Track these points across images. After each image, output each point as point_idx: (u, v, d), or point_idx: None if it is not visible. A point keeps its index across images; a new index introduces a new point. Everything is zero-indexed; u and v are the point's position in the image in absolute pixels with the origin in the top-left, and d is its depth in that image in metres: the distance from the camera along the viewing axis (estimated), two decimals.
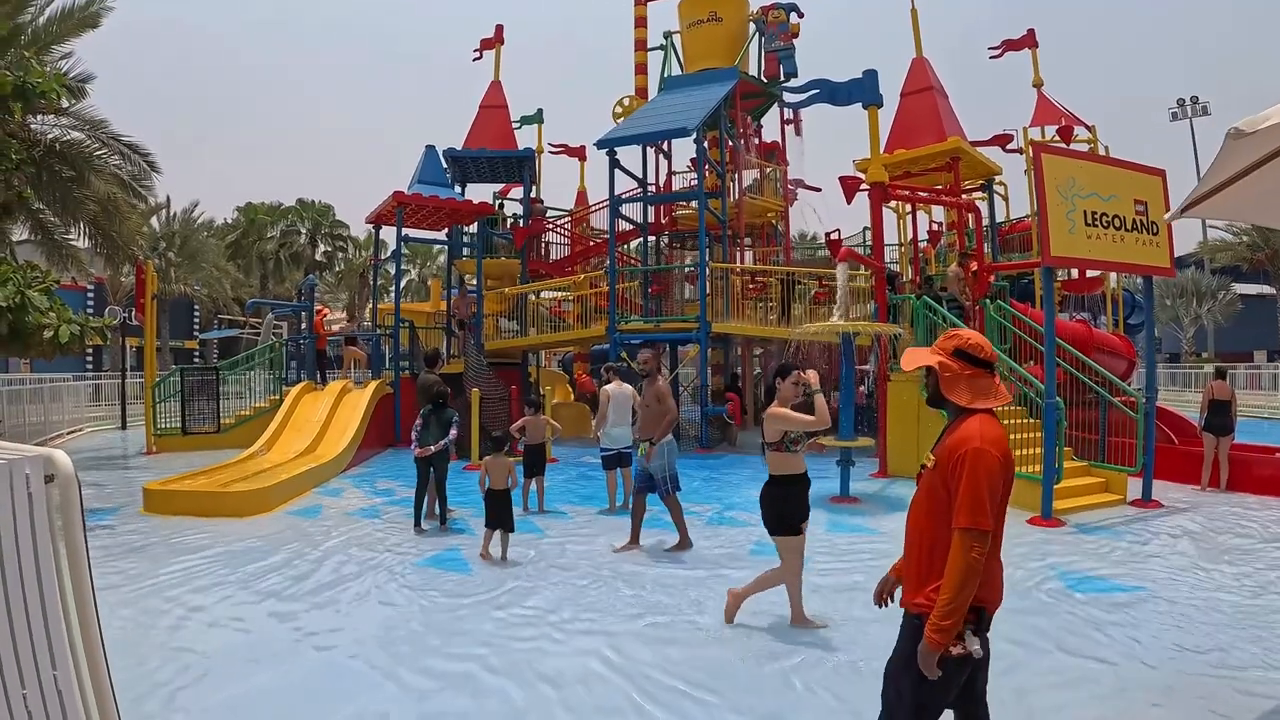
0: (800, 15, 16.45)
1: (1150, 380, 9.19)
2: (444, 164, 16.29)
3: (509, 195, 21.24)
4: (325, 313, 17.94)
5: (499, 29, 19.91)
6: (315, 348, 15.36)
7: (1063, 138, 15.82)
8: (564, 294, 17.51)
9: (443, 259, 30.35)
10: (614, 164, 14.40)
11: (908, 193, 13.66)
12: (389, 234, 17.16)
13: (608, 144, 14.21)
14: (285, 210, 43.95)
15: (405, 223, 14.96)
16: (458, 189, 17.36)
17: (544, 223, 19.52)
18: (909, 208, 17.30)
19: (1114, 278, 15.19)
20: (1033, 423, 8.74)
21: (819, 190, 19.62)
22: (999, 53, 16.90)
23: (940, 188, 14.94)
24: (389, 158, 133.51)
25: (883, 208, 11.42)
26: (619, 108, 18.67)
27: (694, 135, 13.47)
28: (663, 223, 17.90)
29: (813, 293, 13.72)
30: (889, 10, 20.14)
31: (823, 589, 5.23)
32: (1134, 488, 8.68)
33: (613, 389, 8.00)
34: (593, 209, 20.03)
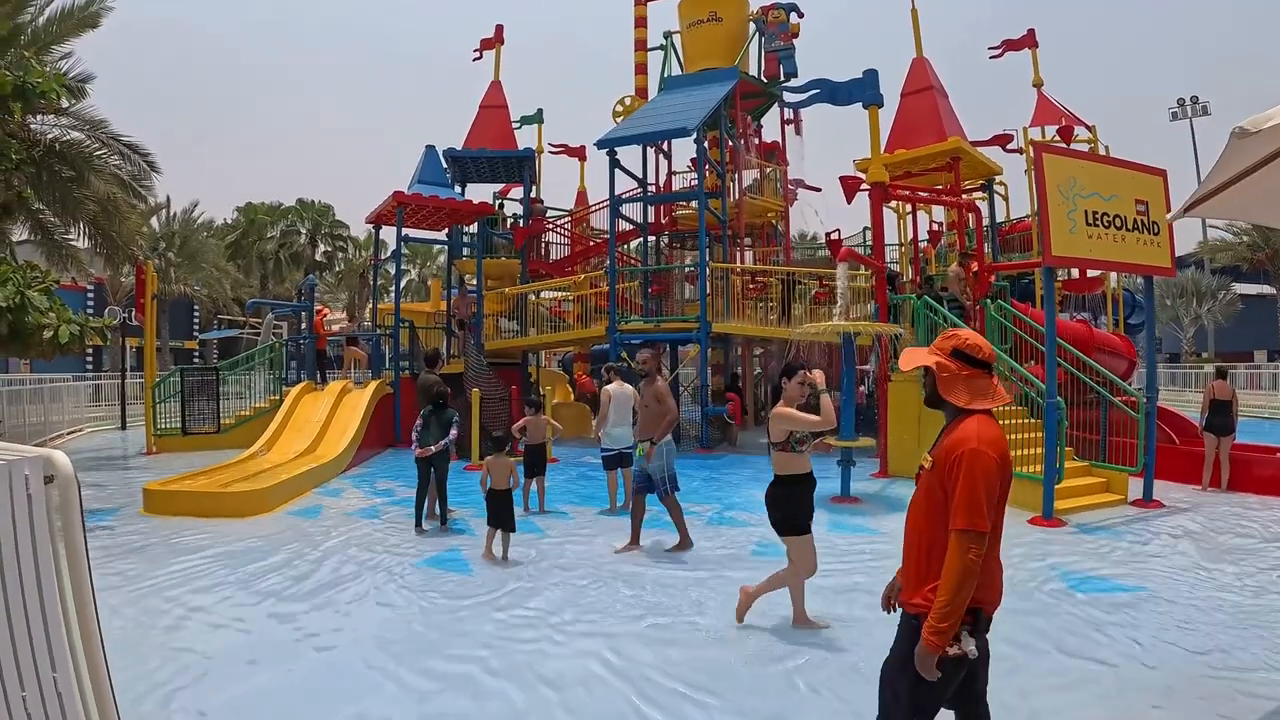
0: (800, 15, 16.46)
1: (1151, 380, 9.18)
2: (444, 164, 16.29)
3: (509, 195, 21.24)
4: (325, 313, 17.93)
5: (499, 29, 19.90)
6: (315, 348, 15.35)
7: (1063, 138, 15.82)
8: (564, 294, 17.50)
9: (443, 259, 30.35)
10: (614, 164, 14.40)
11: (908, 193, 13.65)
12: (389, 234, 17.18)
13: (608, 144, 14.20)
14: (285, 210, 43.95)
15: (405, 223, 14.96)
16: (458, 189, 17.35)
17: (544, 223, 19.51)
18: (909, 208, 17.29)
19: (1114, 277, 15.19)
20: (1034, 423, 8.74)
21: (819, 190, 19.66)
22: (999, 53, 16.91)
23: (940, 187, 14.94)
24: (389, 158, 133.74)
25: (883, 207, 11.41)
26: (619, 107, 18.67)
27: (694, 135, 13.46)
28: (663, 223, 17.89)
29: (813, 293, 13.72)
30: (889, 10, 20.16)
31: (824, 589, 5.21)
32: (1135, 488, 8.67)
33: (614, 389, 7.97)
34: (593, 209, 20.02)
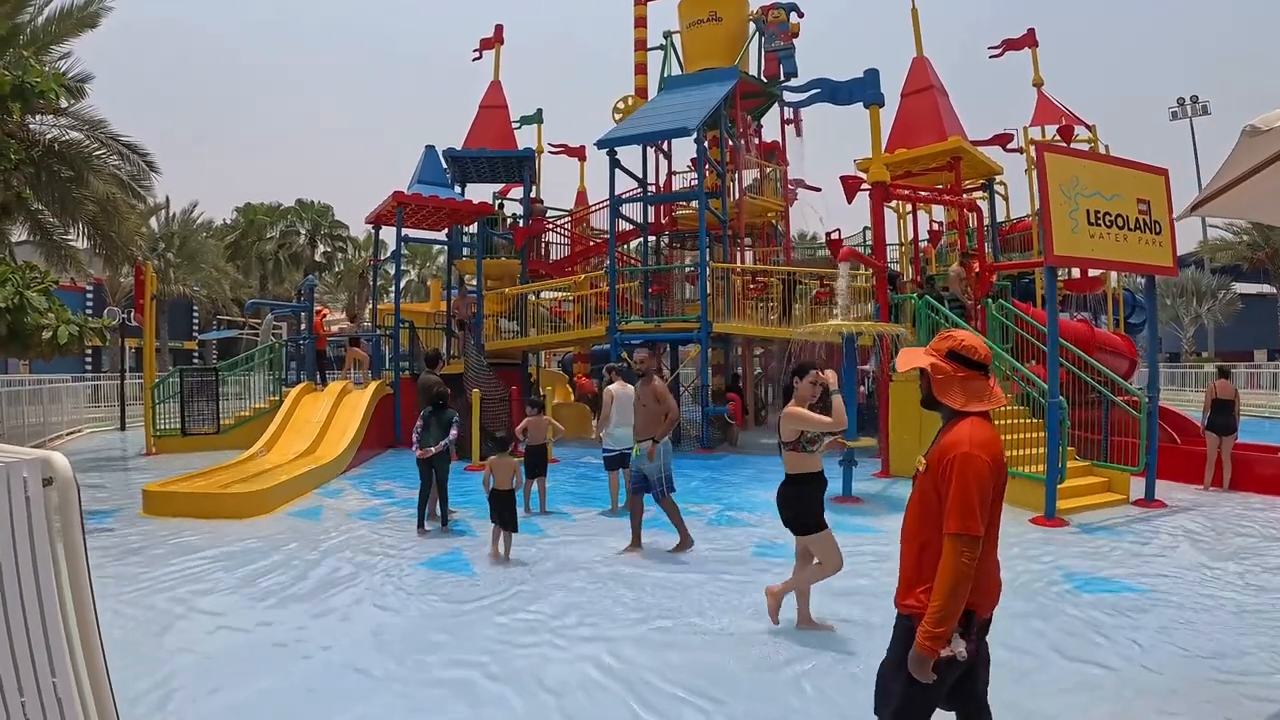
0: (800, 15, 16.46)
1: (1153, 379, 9.16)
2: (444, 164, 16.27)
3: (509, 195, 21.23)
4: (325, 313, 17.90)
5: (499, 29, 19.87)
6: (315, 348, 15.33)
7: (1063, 137, 15.80)
8: (564, 294, 17.49)
9: (442, 259, 30.35)
10: (614, 164, 14.38)
11: (909, 192, 13.64)
12: (389, 234, 17.19)
13: (608, 144, 14.18)
14: (284, 210, 43.90)
15: (405, 223, 14.93)
16: (457, 189, 17.33)
17: (544, 223, 19.49)
18: (909, 207, 17.29)
19: (1115, 277, 15.17)
20: (1036, 422, 8.72)
21: (819, 190, 19.66)
22: (999, 52, 16.90)
23: (941, 187, 14.93)
24: (389, 158, 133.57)
25: (883, 207, 11.39)
26: (620, 106, 18.65)
27: (694, 135, 13.45)
28: (663, 223, 17.88)
29: (814, 293, 13.70)
30: (889, 10, 20.13)
31: (826, 590, 5.17)
32: (1137, 487, 8.65)
33: (616, 389, 7.93)
34: (593, 209, 20.00)
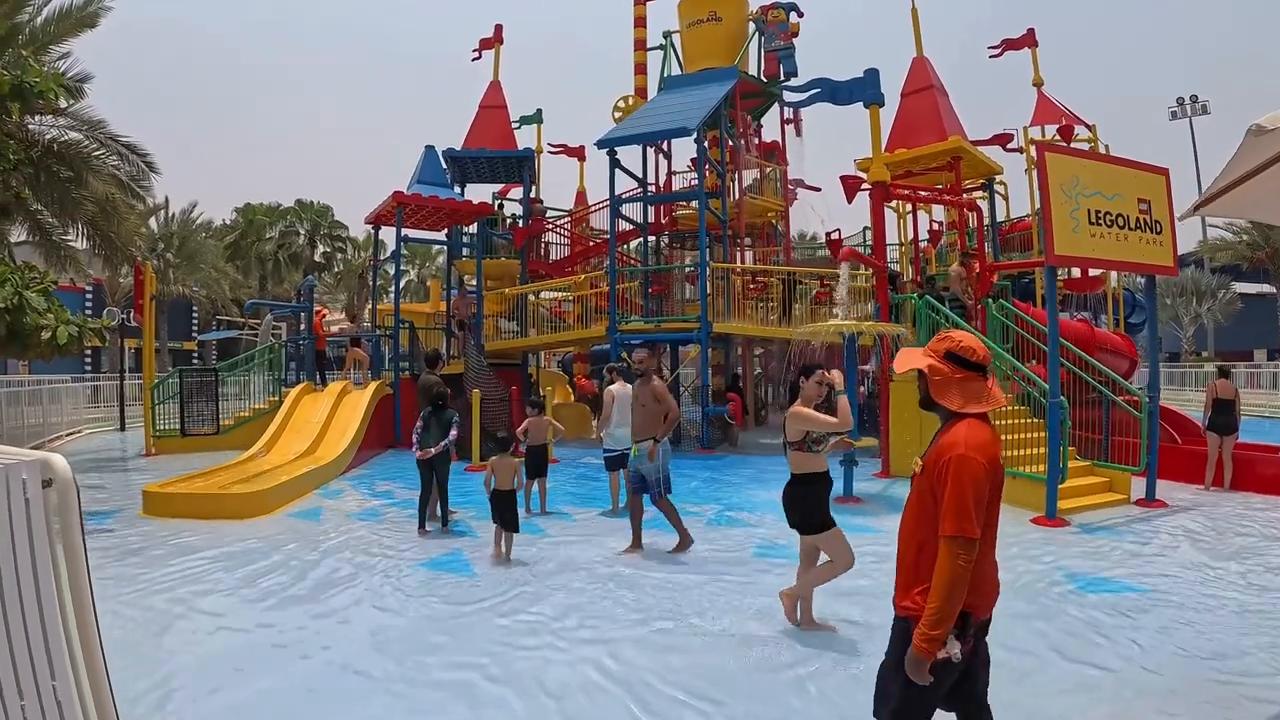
0: (800, 15, 16.45)
1: (1154, 379, 9.15)
2: (443, 164, 16.26)
3: (508, 195, 21.21)
4: (324, 314, 17.89)
5: (498, 29, 19.85)
6: (314, 349, 15.32)
7: (1063, 137, 15.79)
8: (564, 294, 17.47)
9: (442, 259, 30.32)
10: (614, 164, 14.37)
11: (909, 192, 13.63)
12: (388, 234, 17.16)
13: (608, 144, 14.17)
14: (284, 211, 43.90)
15: (405, 223, 14.92)
16: (457, 189, 17.32)
17: (544, 223, 19.48)
18: (909, 207, 17.28)
19: (1114, 277, 15.16)
20: (1036, 422, 8.71)
21: (819, 190, 19.64)
22: (999, 52, 16.88)
23: (941, 187, 14.92)
24: (389, 158, 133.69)
25: (884, 207, 11.38)
26: (620, 106, 18.64)
27: (694, 135, 13.44)
28: (663, 223, 17.87)
29: (814, 293, 13.69)
30: (889, 10, 20.13)
31: (827, 590, 5.15)
32: (1138, 487, 8.65)
33: (617, 389, 7.91)
34: (592, 209, 19.99)
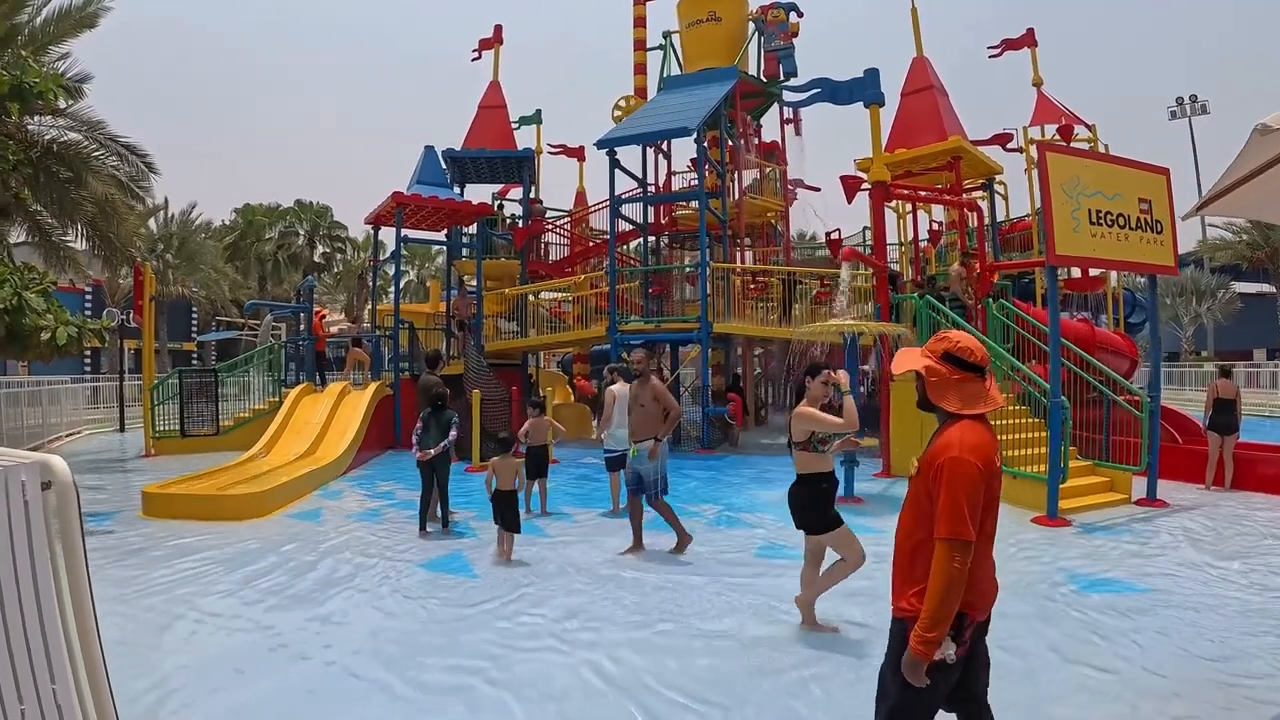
0: (800, 15, 16.46)
1: (1155, 379, 9.15)
2: (443, 164, 16.26)
3: (508, 196, 21.20)
4: (324, 314, 17.87)
5: (498, 29, 19.84)
6: (314, 349, 15.30)
7: (1063, 137, 15.78)
8: (564, 295, 17.46)
9: (442, 260, 30.32)
10: (614, 164, 14.36)
11: (909, 192, 13.63)
12: (388, 235, 17.15)
13: (608, 144, 14.17)
14: (283, 211, 43.90)
15: (404, 223, 14.92)
16: (457, 189, 17.31)
17: (543, 223, 19.47)
18: (909, 207, 17.27)
19: (1115, 276, 15.16)
20: (1037, 422, 8.70)
21: (818, 190, 19.62)
22: (999, 52, 16.88)
23: (941, 187, 14.91)
24: (389, 158, 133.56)
25: (884, 207, 11.38)
26: (620, 105, 18.64)
27: (694, 135, 13.43)
28: (663, 223, 17.86)
29: (814, 293, 13.68)
30: (889, 10, 20.12)
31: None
32: (1139, 487, 8.64)
33: (618, 389, 7.89)
34: (592, 209, 19.99)
